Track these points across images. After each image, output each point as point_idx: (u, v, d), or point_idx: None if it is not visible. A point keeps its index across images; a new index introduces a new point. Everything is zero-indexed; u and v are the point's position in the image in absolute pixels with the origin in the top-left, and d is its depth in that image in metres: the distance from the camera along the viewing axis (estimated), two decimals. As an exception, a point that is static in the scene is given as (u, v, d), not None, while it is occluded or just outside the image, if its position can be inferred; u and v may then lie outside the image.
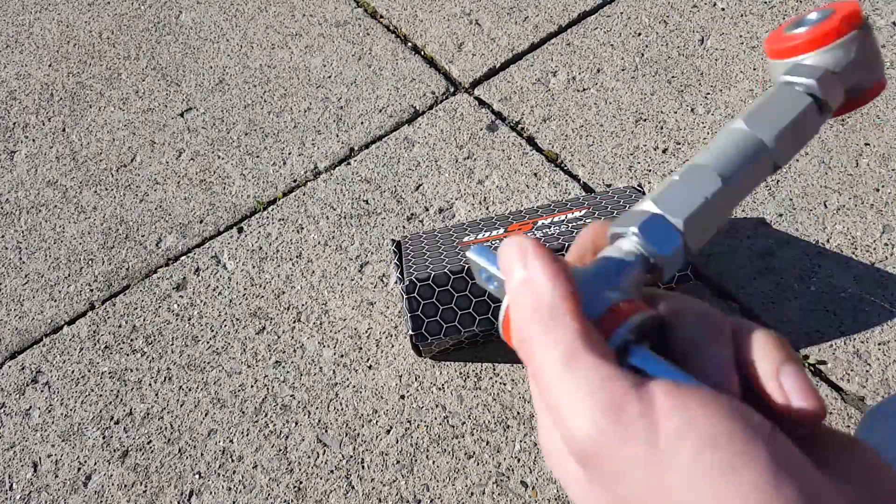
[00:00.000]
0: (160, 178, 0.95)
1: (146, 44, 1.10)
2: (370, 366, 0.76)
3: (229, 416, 0.74)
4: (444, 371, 0.75)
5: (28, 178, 0.97)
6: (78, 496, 0.71)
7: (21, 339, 0.82)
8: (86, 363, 0.79)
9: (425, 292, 0.65)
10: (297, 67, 1.05)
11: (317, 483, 0.70)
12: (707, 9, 1.04)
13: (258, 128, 0.98)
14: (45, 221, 0.92)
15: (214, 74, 1.05)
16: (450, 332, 0.66)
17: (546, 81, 0.99)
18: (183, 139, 0.98)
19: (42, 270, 0.88)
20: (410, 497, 0.68)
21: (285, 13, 1.12)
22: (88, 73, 1.07)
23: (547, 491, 0.67)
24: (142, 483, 0.71)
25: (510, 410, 0.72)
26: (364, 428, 0.72)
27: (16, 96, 1.06)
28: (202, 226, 0.90)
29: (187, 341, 0.80)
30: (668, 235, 0.22)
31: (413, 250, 0.73)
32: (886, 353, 0.73)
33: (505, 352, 0.75)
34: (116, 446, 0.74)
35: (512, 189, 0.88)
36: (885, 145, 0.89)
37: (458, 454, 0.70)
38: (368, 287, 0.81)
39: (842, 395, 0.71)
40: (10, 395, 0.78)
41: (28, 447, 0.75)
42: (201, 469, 0.72)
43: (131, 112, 1.02)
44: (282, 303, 0.82)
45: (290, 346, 0.78)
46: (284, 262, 0.85)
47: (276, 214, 0.89)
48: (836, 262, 0.79)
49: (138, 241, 0.89)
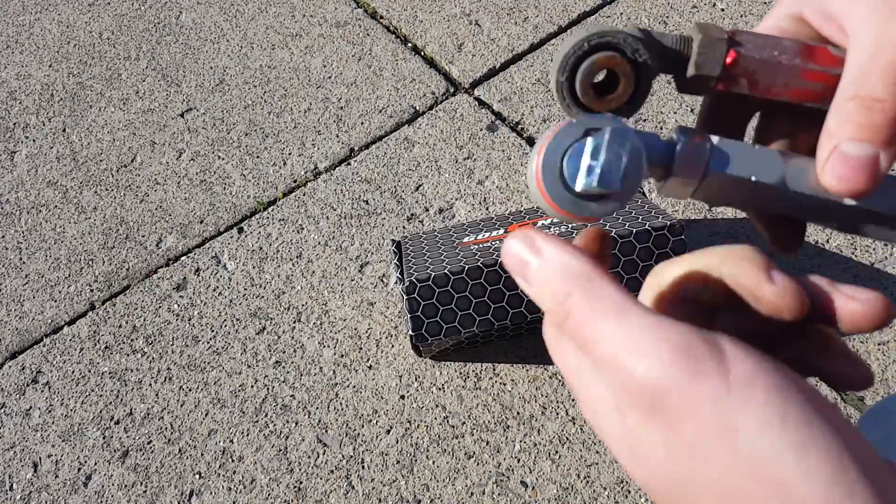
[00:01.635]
0: (160, 179, 0.95)
1: (146, 44, 1.10)
2: (370, 366, 0.76)
3: (229, 416, 0.74)
4: (444, 371, 0.75)
5: (28, 179, 0.97)
6: (78, 496, 0.71)
7: (21, 340, 0.82)
8: (86, 363, 0.80)
9: (425, 293, 0.65)
10: (297, 68, 1.05)
11: (317, 483, 0.70)
12: (707, 9, 1.04)
13: (258, 128, 0.99)
14: (45, 221, 0.92)
15: (215, 75, 1.05)
16: (450, 333, 0.66)
17: (546, 81, 0.99)
18: (183, 139, 0.99)
19: (42, 270, 0.88)
20: (410, 497, 0.68)
21: (285, 14, 1.12)
22: (89, 73, 1.08)
23: (547, 491, 0.68)
24: (142, 483, 0.71)
25: (510, 410, 0.72)
26: (364, 428, 0.72)
27: (16, 96, 1.06)
28: (202, 226, 0.90)
29: (187, 341, 0.80)
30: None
31: (413, 251, 0.73)
32: (886, 353, 0.73)
33: (505, 352, 0.75)
34: (117, 446, 0.74)
35: (512, 189, 0.88)
36: (884, 145, 0.89)
37: (458, 454, 0.70)
38: (368, 287, 0.82)
39: (842, 395, 0.71)
40: (10, 395, 0.78)
41: (28, 447, 0.75)
42: (201, 469, 0.72)
43: (131, 112, 1.02)
44: (282, 303, 0.82)
45: (290, 346, 0.78)
46: (284, 263, 0.85)
47: (276, 215, 0.89)
48: (836, 263, 0.79)
49: (138, 242, 0.89)
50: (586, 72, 0.22)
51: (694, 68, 0.23)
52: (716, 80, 0.23)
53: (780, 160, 0.22)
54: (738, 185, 0.23)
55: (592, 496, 0.67)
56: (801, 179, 0.22)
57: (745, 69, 0.23)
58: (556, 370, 0.74)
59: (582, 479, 0.68)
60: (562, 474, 0.68)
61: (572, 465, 0.69)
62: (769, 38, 0.23)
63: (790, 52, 0.23)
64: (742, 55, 0.23)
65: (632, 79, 0.22)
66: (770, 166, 0.22)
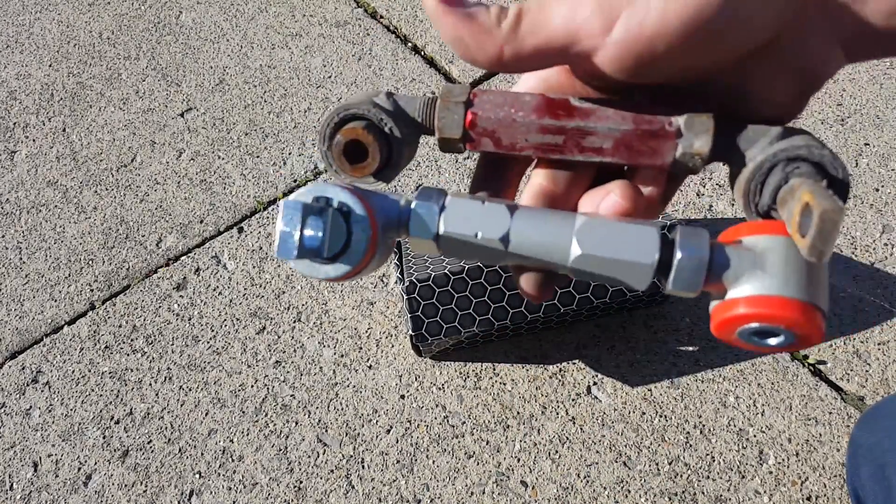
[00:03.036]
0: (160, 178, 0.95)
1: (146, 44, 1.10)
2: (370, 366, 0.76)
3: (229, 415, 0.75)
4: (444, 371, 0.75)
5: (28, 178, 0.97)
6: (78, 496, 0.71)
7: (21, 339, 0.82)
8: (86, 363, 0.80)
9: (426, 293, 0.65)
10: (297, 67, 1.05)
11: (317, 483, 0.70)
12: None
13: (258, 128, 0.99)
14: (45, 221, 0.92)
15: (215, 74, 1.05)
16: (450, 333, 0.66)
17: (546, 81, 0.99)
18: (183, 139, 0.99)
19: (42, 270, 0.88)
20: (410, 497, 0.68)
21: (285, 13, 1.12)
22: (89, 73, 1.08)
23: (547, 490, 0.68)
24: (142, 483, 0.71)
25: (510, 410, 0.72)
26: (364, 428, 0.72)
27: (16, 96, 1.06)
28: (202, 226, 0.90)
29: (187, 341, 0.80)
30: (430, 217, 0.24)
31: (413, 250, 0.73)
32: (886, 352, 0.73)
33: (505, 352, 0.75)
34: (117, 446, 0.74)
35: (512, 189, 0.88)
36: (884, 145, 0.89)
37: (458, 454, 0.70)
38: (368, 287, 0.82)
39: (841, 394, 0.71)
40: (10, 395, 0.78)
41: (28, 447, 0.75)
42: (202, 469, 0.72)
43: (132, 112, 1.02)
44: (282, 303, 0.82)
45: (290, 345, 0.78)
46: (284, 262, 0.85)
47: (276, 214, 0.89)
48: (836, 262, 0.79)
49: (139, 241, 0.89)
50: (337, 143, 0.24)
51: (437, 133, 0.24)
52: (460, 141, 0.24)
53: (506, 215, 0.23)
54: (467, 241, 0.23)
55: (592, 496, 0.67)
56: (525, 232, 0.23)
57: (485, 129, 0.24)
58: (556, 370, 0.74)
59: (582, 479, 0.68)
60: (562, 474, 0.68)
61: (572, 465, 0.69)
62: (509, 95, 0.24)
63: (527, 108, 0.23)
64: (479, 116, 0.23)
65: (376, 147, 0.23)
66: (495, 222, 0.23)
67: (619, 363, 0.74)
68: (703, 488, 0.67)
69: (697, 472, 0.68)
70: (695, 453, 0.69)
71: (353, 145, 0.24)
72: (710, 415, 0.70)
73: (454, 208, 0.24)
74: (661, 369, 0.73)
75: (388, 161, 0.24)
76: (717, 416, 0.70)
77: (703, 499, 0.66)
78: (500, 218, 0.23)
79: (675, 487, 0.67)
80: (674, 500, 0.66)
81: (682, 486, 0.67)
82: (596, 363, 0.74)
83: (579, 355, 0.74)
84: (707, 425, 0.70)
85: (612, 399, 0.72)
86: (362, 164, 0.24)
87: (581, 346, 0.75)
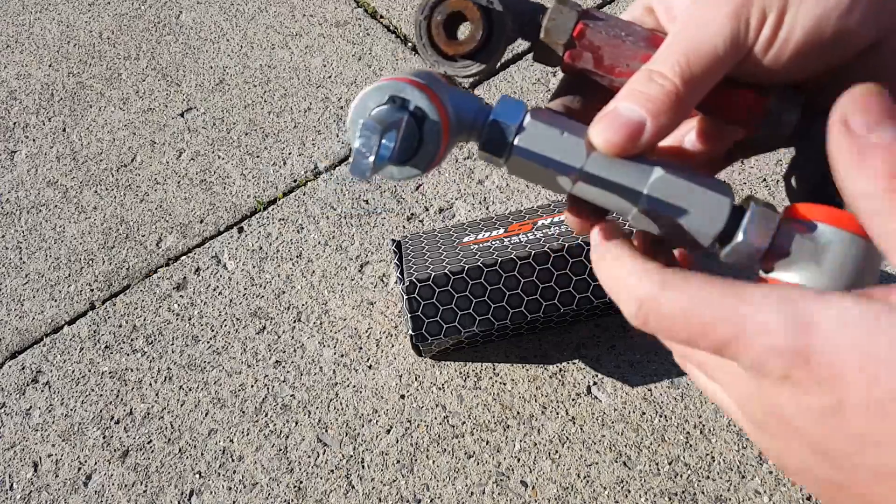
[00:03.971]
0: (160, 178, 0.95)
1: (146, 44, 1.10)
2: (370, 365, 0.76)
3: (229, 415, 0.75)
4: (444, 371, 0.75)
5: (28, 178, 0.97)
6: (78, 496, 0.71)
7: (21, 339, 0.82)
8: (86, 363, 0.80)
9: (425, 293, 0.65)
10: (297, 67, 1.05)
11: (317, 483, 0.70)
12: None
13: (258, 128, 0.99)
14: (45, 221, 0.92)
15: (214, 74, 1.05)
16: (450, 333, 0.66)
17: (546, 81, 0.99)
18: (183, 139, 0.99)
19: (42, 270, 0.88)
20: (410, 496, 0.68)
21: (285, 13, 1.12)
22: (88, 73, 1.08)
23: (547, 490, 0.68)
24: (142, 483, 0.71)
25: (510, 410, 0.72)
26: (364, 428, 0.72)
27: (16, 96, 1.06)
28: (202, 226, 0.90)
29: (187, 341, 0.80)
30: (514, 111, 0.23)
31: (413, 250, 0.73)
32: (886, 353, 0.73)
33: (505, 352, 0.75)
34: (117, 446, 0.74)
35: (512, 189, 0.88)
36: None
37: (458, 454, 0.70)
38: (368, 287, 0.82)
39: (841, 394, 0.71)
40: (10, 395, 0.78)
41: (28, 447, 0.75)
42: (201, 469, 0.72)
43: (131, 112, 1.02)
44: (282, 303, 0.82)
45: (290, 345, 0.78)
46: (284, 262, 0.85)
47: (276, 214, 0.89)
48: (836, 262, 0.79)
49: (138, 241, 0.89)
50: (439, 13, 0.23)
51: (544, 33, 0.23)
52: (563, 49, 0.24)
53: (583, 152, 0.23)
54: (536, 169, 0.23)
55: (592, 496, 0.67)
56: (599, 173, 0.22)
57: (591, 43, 0.23)
58: (556, 370, 0.74)
59: (582, 479, 0.68)
60: (562, 474, 0.68)
61: (572, 465, 0.69)
62: (620, 20, 0.24)
63: (635, 35, 0.23)
64: (589, 27, 0.23)
65: (480, 23, 0.23)
66: (571, 156, 0.23)
67: (619, 363, 0.74)
68: (703, 488, 0.67)
69: (697, 472, 0.68)
70: (695, 453, 0.69)
71: (452, 19, 0.23)
72: (710, 415, 0.70)
73: (532, 131, 0.23)
74: (662, 369, 0.73)
75: (485, 43, 0.23)
76: (717, 416, 0.70)
77: (703, 499, 0.66)
78: (577, 153, 0.22)
79: (675, 487, 0.67)
80: (674, 499, 0.66)
81: (682, 485, 0.67)
82: (596, 363, 0.74)
83: (579, 355, 0.74)
84: (707, 425, 0.70)
85: (612, 399, 0.72)
86: (459, 41, 0.23)
87: (581, 346, 0.75)
